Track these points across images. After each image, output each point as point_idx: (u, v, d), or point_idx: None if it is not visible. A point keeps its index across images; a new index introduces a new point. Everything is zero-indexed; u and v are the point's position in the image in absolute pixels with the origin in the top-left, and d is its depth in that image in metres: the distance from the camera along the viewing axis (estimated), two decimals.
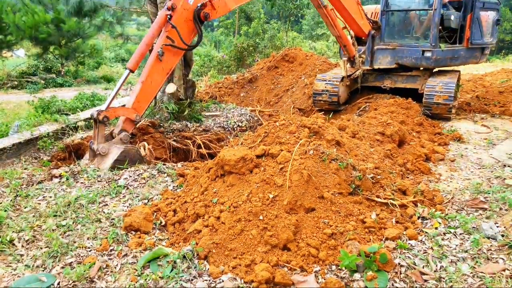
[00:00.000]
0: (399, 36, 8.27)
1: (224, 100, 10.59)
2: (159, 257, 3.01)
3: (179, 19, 5.30)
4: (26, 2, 15.75)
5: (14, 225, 3.41)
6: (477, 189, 4.24)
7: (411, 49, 7.82)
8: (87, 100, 8.96)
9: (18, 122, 6.82)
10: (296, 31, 38.07)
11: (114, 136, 5.11)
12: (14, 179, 4.44)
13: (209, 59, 18.99)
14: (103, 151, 4.85)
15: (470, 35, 7.66)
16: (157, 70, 5.26)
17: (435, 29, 7.40)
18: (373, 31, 8.05)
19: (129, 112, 5.12)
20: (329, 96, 8.25)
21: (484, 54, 8.44)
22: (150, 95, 5.34)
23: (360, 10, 7.65)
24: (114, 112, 5.02)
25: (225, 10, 5.75)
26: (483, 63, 11.67)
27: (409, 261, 2.98)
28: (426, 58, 7.62)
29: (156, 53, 5.17)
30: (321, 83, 8.38)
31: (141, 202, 3.99)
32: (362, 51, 8.18)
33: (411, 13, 8.18)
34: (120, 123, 5.16)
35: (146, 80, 5.18)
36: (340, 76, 8.36)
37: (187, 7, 5.33)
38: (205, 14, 5.43)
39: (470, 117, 7.66)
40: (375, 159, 4.44)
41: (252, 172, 3.74)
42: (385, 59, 8.11)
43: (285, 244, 3.09)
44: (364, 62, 8.22)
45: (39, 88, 15.06)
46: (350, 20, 7.68)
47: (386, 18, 8.15)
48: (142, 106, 5.25)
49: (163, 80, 5.44)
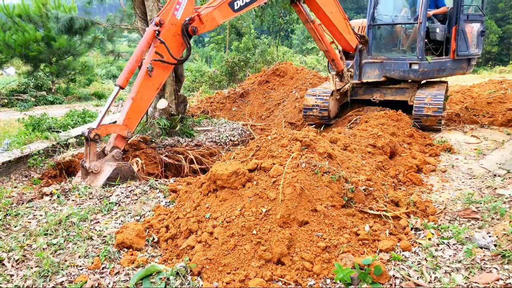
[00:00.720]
0: (386, 50, 8.37)
1: (216, 115, 10.62)
2: (152, 274, 2.97)
3: (167, 34, 5.33)
4: (17, 20, 15.78)
5: (4, 244, 3.36)
6: (469, 199, 4.27)
7: (398, 62, 7.93)
8: (78, 117, 8.93)
9: (8, 140, 6.75)
10: (286, 45, 38.47)
11: (106, 153, 5.08)
12: (3, 197, 4.38)
13: (200, 75, 19.10)
14: (95, 169, 4.82)
15: (456, 47, 7.79)
16: (147, 85, 5.27)
17: (421, 42, 7.51)
18: (360, 46, 8.15)
19: (120, 129, 5.10)
20: (320, 111, 8.30)
21: (471, 65, 8.57)
22: (141, 111, 5.33)
23: (347, 24, 7.74)
24: (105, 130, 4.99)
25: (213, 25, 5.77)
26: (470, 75, 11.85)
27: (403, 273, 2.98)
28: (414, 70, 7.72)
29: (145, 69, 5.19)
30: (311, 98, 8.44)
31: (133, 219, 3.95)
32: (350, 65, 8.25)
33: (397, 27, 8.30)
34: (112, 140, 5.15)
35: (136, 96, 5.19)
36: (329, 90, 8.43)
37: (175, 21, 5.37)
38: (193, 28, 5.45)
39: (460, 128, 7.74)
40: (367, 171, 4.46)
41: (245, 186, 3.73)
42: (373, 72, 8.21)
43: (279, 258, 3.07)
44: (352, 76, 8.29)
45: (30, 106, 15.00)
46: (338, 34, 7.75)
47: (373, 32, 8.26)
48: (133, 122, 5.24)
49: (154, 96, 5.44)
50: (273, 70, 12.21)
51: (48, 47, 16.22)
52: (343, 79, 8.33)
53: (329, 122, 8.51)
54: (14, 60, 17.90)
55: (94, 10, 14.43)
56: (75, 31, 11.96)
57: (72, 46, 16.76)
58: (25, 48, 15.53)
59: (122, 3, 12.30)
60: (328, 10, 7.31)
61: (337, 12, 7.50)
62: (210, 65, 30.06)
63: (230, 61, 18.23)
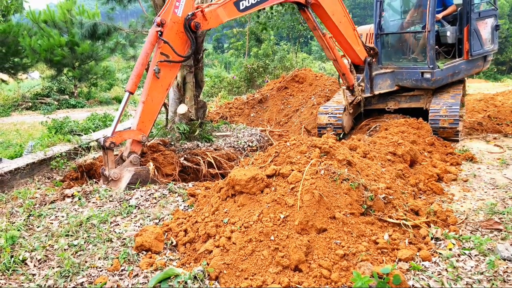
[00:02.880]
0: (396, 58, 8.16)
1: (235, 121, 10.67)
2: (170, 277, 2.99)
3: (170, 33, 5.32)
4: (42, 26, 16.21)
5: (27, 244, 3.44)
6: (492, 210, 4.18)
7: (410, 71, 7.70)
8: (99, 120, 9.09)
9: (32, 143, 6.92)
10: (305, 52, 38.45)
11: (124, 159, 5.17)
12: (27, 198, 4.49)
13: (219, 80, 19.23)
14: (115, 176, 4.93)
15: (469, 47, 7.49)
16: (156, 87, 5.31)
17: (431, 51, 7.28)
18: (369, 58, 7.90)
19: (135, 134, 5.18)
20: (334, 128, 8.09)
21: (487, 61, 8.21)
22: (153, 113, 5.38)
23: (356, 36, 7.54)
24: (120, 137, 5.08)
25: (217, 22, 5.72)
26: (493, 83, 11.59)
27: (423, 283, 2.93)
28: (426, 79, 7.50)
29: (152, 71, 5.23)
30: (324, 117, 8.20)
31: (152, 222, 4.00)
32: (360, 79, 8.00)
33: (405, 34, 8.07)
34: (128, 145, 5.24)
35: (147, 99, 5.24)
36: (342, 106, 8.18)
37: (176, 19, 5.34)
38: (195, 24, 5.40)
39: (482, 137, 7.59)
40: (387, 179, 4.41)
41: (263, 192, 3.74)
42: (385, 83, 8.00)
43: (296, 265, 3.06)
44: (363, 90, 8.03)
45: (53, 109, 15.36)
46: (347, 45, 7.55)
47: (381, 41, 8.08)
48: (146, 126, 5.31)
49: (164, 97, 5.49)
50: (292, 76, 12.20)
51: (71, 52, 16.61)
52: (354, 93, 8.11)
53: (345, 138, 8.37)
54: (39, 64, 18.36)
55: (117, 16, 14.72)
56: (98, 36, 12.24)
57: (94, 51, 17.12)
58: (49, 53, 15.93)
59: (144, 9, 12.53)
60: (337, 20, 7.13)
61: (346, 22, 7.30)
62: (229, 71, 30.28)
63: (249, 67, 18.31)
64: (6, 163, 5.75)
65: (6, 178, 5.34)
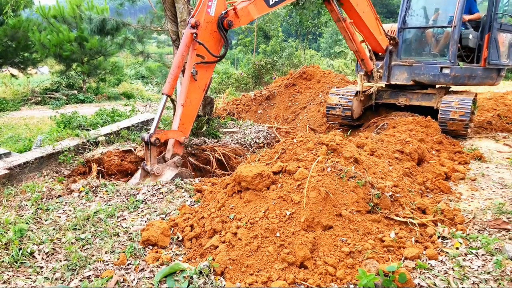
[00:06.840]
0: (416, 53, 8.26)
1: (242, 117, 10.67)
2: (175, 272, 3.01)
3: (205, 34, 5.38)
4: (52, 21, 16.28)
5: (35, 237, 3.47)
6: (500, 209, 4.14)
7: (428, 66, 7.80)
8: (107, 116, 9.12)
9: (41, 137, 6.99)
10: (314, 49, 38.31)
11: (166, 160, 5.33)
12: (35, 192, 4.53)
13: (227, 77, 19.23)
14: (157, 171, 5.09)
15: (488, 55, 7.58)
16: (194, 89, 5.43)
17: (454, 46, 7.38)
18: (391, 47, 8.07)
19: (178, 135, 5.36)
20: (343, 110, 8.26)
21: (500, 75, 8.32)
22: (192, 115, 5.55)
23: (378, 25, 7.69)
24: (165, 135, 5.22)
25: (248, 19, 5.81)
26: (504, 82, 11.47)
27: (429, 282, 2.92)
28: (445, 75, 7.57)
29: (189, 73, 5.31)
30: (335, 97, 8.42)
31: (158, 217, 4.02)
32: (379, 66, 8.22)
33: (428, 31, 8.18)
34: (170, 147, 5.38)
35: (186, 102, 5.37)
36: (354, 90, 8.40)
37: (209, 19, 5.39)
38: (228, 22, 5.47)
39: (491, 136, 7.53)
40: (394, 177, 4.39)
41: (269, 188, 3.74)
42: (402, 75, 8.11)
43: (302, 262, 3.06)
44: (381, 77, 8.25)
45: (62, 104, 15.45)
46: (369, 34, 7.75)
47: (403, 35, 8.16)
48: (187, 127, 5.48)
49: (201, 97, 5.62)
50: (300, 73, 12.16)
51: (80, 47, 16.67)
52: (372, 79, 8.26)
53: (352, 123, 8.43)
54: (48, 59, 18.47)
55: (126, 11, 14.74)
56: (107, 32, 12.28)
57: (103, 46, 17.17)
58: (59, 48, 16.00)
59: (152, 5, 12.54)
60: (361, 10, 7.34)
61: (369, 12, 7.52)
62: (237, 67, 30.26)
63: (257, 64, 18.29)
64: (16, 156, 5.81)
65: (15, 172, 5.40)
